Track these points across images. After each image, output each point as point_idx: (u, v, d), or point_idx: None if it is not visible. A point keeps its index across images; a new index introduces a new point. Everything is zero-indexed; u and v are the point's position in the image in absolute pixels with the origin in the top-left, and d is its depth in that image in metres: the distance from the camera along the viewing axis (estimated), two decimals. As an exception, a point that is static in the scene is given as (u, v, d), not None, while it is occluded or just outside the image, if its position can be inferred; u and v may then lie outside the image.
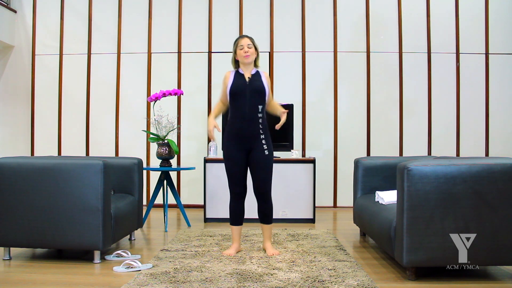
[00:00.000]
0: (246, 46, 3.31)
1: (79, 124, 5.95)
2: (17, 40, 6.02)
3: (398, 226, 2.77)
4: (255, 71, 3.37)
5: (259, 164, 3.27)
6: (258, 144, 3.27)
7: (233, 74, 3.37)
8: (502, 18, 5.81)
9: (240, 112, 3.26)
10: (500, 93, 5.79)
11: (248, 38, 3.35)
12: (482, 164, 2.69)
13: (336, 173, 5.81)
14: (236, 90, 3.27)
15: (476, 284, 2.71)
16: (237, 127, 3.27)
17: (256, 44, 3.38)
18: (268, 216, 3.36)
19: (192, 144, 5.88)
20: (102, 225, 3.06)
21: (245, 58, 3.30)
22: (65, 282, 2.72)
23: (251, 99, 3.26)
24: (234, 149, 3.28)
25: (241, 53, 3.31)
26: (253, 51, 3.33)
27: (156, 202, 4.86)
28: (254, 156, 3.27)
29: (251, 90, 3.27)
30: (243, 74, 3.34)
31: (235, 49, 3.36)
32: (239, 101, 3.26)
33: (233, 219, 3.37)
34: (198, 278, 2.71)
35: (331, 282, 2.64)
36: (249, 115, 3.24)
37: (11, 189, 3.09)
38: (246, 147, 3.28)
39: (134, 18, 5.95)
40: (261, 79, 3.33)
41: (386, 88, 5.84)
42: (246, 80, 3.30)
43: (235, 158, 3.28)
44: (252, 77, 3.33)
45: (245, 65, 3.34)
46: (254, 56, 3.35)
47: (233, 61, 3.42)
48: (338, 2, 5.85)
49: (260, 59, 3.43)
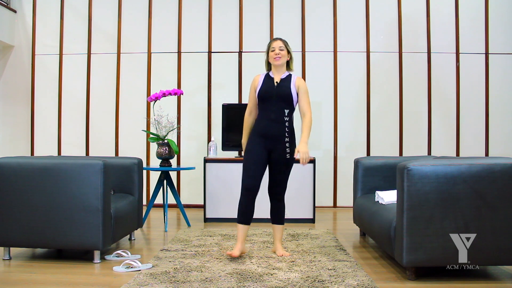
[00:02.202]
0: (277, 48, 3.29)
1: (79, 124, 5.95)
2: (17, 40, 6.02)
3: (398, 226, 2.77)
4: (285, 75, 3.34)
5: (279, 166, 3.27)
6: (281, 146, 3.25)
7: (262, 77, 3.36)
8: (502, 18, 5.80)
9: (266, 114, 3.26)
10: (500, 93, 5.79)
11: (281, 41, 3.33)
12: (482, 164, 2.69)
13: (336, 173, 5.81)
14: (263, 94, 3.28)
15: (476, 284, 2.71)
16: (263, 126, 3.26)
17: (290, 47, 3.36)
18: (280, 216, 3.36)
19: (192, 144, 5.88)
20: (102, 225, 3.06)
21: (275, 61, 3.29)
22: (65, 282, 2.72)
23: (277, 103, 3.25)
24: (257, 144, 3.26)
25: (272, 55, 3.30)
26: (285, 53, 3.31)
27: (156, 202, 4.86)
28: (275, 158, 3.26)
29: (277, 95, 3.26)
30: (273, 77, 3.33)
31: (268, 51, 3.35)
32: (266, 104, 3.27)
33: (241, 216, 3.24)
34: (198, 278, 2.71)
35: (331, 282, 2.64)
36: (275, 117, 3.24)
37: (11, 189, 3.09)
38: (269, 146, 3.26)
39: (134, 18, 5.94)
40: (290, 84, 3.29)
41: (386, 88, 5.84)
42: (274, 84, 3.30)
43: (256, 152, 3.25)
44: (281, 81, 3.30)
45: (276, 68, 3.33)
46: (285, 59, 3.32)
47: (266, 63, 3.41)
48: (338, 2, 5.85)
49: (293, 62, 3.39)
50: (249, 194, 3.21)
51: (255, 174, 3.22)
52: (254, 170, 3.22)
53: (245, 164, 3.26)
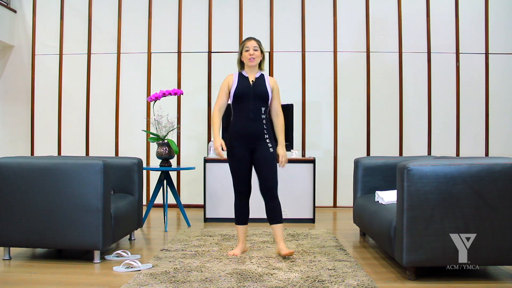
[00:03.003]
0: (252, 48, 3.30)
1: (79, 124, 5.95)
2: (17, 40, 6.02)
3: (398, 226, 2.77)
4: (259, 74, 3.37)
5: (265, 162, 3.26)
6: (262, 143, 3.27)
7: (236, 76, 3.36)
8: (502, 18, 5.80)
9: (244, 113, 3.27)
10: (500, 93, 5.79)
11: (255, 41, 3.34)
12: (482, 164, 2.69)
13: (336, 173, 5.81)
14: (240, 93, 3.28)
15: (476, 284, 2.71)
16: (241, 126, 3.27)
17: (263, 47, 3.38)
18: (277, 215, 3.29)
19: (192, 144, 5.88)
20: (102, 225, 3.06)
21: (249, 61, 3.30)
22: (65, 282, 2.72)
23: (255, 102, 3.26)
24: (238, 148, 3.27)
25: (246, 55, 3.31)
26: (259, 54, 3.32)
27: (156, 202, 4.86)
28: (259, 155, 3.27)
29: (254, 93, 3.27)
30: (247, 77, 3.34)
31: (241, 51, 3.35)
32: (243, 104, 3.27)
33: (238, 218, 3.35)
34: (198, 278, 2.71)
35: (331, 282, 2.64)
36: (253, 116, 3.25)
37: (11, 189, 3.09)
38: (250, 146, 3.27)
39: (134, 18, 5.95)
40: (265, 83, 3.32)
41: (386, 88, 5.84)
42: (250, 84, 3.30)
43: (240, 157, 3.27)
44: (256, 80, 3.33)
45: (250, 68, 3.34)
46: (259, 59, 3.34)
47: (238, 62, 3.41)
48: (338, 2, 5.85)
49: (265, 62, 3.42)
50: (242, 198, 3.33)
51: (244, 179, 3.30)
52: (242, 176, 3.29)
53: (233, 171, 3.32)
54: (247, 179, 3.31)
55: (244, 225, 3.36)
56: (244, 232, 3.36)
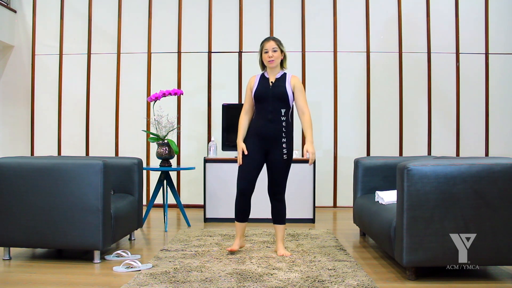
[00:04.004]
0: (271, 50, 3.27)
1: (79, 124, 5.95)
2: (17, 40, 6.02)
3: (398, 226, 2.77)
4: (280, 75, 3.34)
5: (276, 167, 3.27)
6: (278, 147, 3.26)
7: (258, 78, 3.36)
8: (502, 18, 5.80)
9: (263, 114, 3.27)
10: (500, 93, 5.79)
11: (273, 41, 3.30)
12: (482, 164, 2.69)
13: (336, 173, 5.81)
14: (259, 95, 3.28)
15: (476, 284, 2.71)
16: (259, 126, 3.27)
17: (283, 46, 3.34)
18: (282, 216, 3.36)
19: (192, 144, 5.88)
20: (102, 225, 3.06)
21: (269, 63, 3.29)
22: (65, 282, 2.72)
23: (274, 103, 3.25)
24: (253, 147, 3.27)
25: (266, 57, 3.29)
26: (278, 55, 3.29)
27: (156, 202, 4.86)
28: (273, 159, 3.27)
29: (273, 95, 3.26)
30: (268, 78, 3.33)
31: (261, 52, 3.33)
32: (263, 105, 3.28)
33: (237, 215, 3.35)
34: (198, 278, 2.71)
35: (331, 282, 2.64)
36: (272, 117, 3.25)
37: (11, 189, 3.09)
38: (266, 147, 3.27)
39: (134, 18, 5.94)
40: (285, 83, 3.29)
41: (386, 88, 5.84)
42: (270, 85, 3.29)
43: (251, 156, 3.27)
44: (276, 81, 3.30)
45: (271, 68, 3.32)
46: (279, 60, 3.31)
47: (260, 64, 3.40)
48: (338, 2, 5.85)
49: (286, 61, 3.37)
50: (244, 196, 3.30)
51: (250, 177, 3.27)
52: (249, 173, 3.27)
53: (240, 166, 3.31)
54: (252, 178, 3.28)
55: (243, 223, 3.36)
56: (242, 229, 3.37)
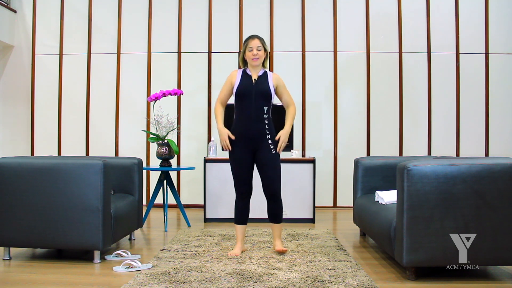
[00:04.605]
0: (255, 48, 3.28)
1: (79, 124, 5.95)
2: (17, 40, 6.02)
3: (398, 226, 2.77)
4: (262, 72, 3.35)
5: (267, 164, 3.27)
6: (264, 144, 3.26)
7: (240, 73, 3.35)
8: (502, 18, 5.80)
9: (245, 112, 3.27)
10: (500, 93, 5.79)
11: (258, 40, 3.31)
12: (482, 164, 2.69)
13: (336, 173, 5.81)
14: (242, 91, 3.27)
15: (476, 284, 2.71)
16: (242, 127, 3.27)
17: (266, 45, 3.36)
18: (278, 215, 3.37)
19: (192, 144, 5.88)
20: (102, 225, 3.06)
21: (253, 61, 3.29)
22: (65, 282, 2.72)
23: (257, 101, 3.25)
24: (240, 149, 3.28)
25: (250, 55, 3.29)
26: (262, 53, 3.30)
27: (156, 202, 4.86)
28: (261, 156, 3.27)
29: (256, 92, 3.26)
30: (251, 75, 3.33)
31: (244, 49, 3.33)
32: (245, 102, 3.27)
33: (238, 218, 3.36)
34: (198, 278, 2.71)
35: (331, 282, 2.64)
36: (255, 115, 3.25)
37: (11, 189, 3.09)
38: (252, 147, 3.27)
39: (134, 18, 5.94)
40: (267, 81, 3.31)
41: (386, 88, 5.84)
42: (253, 82, 3.30)
43: (241, 159, 3.28)
44: (259, 78, 3.31)
45: (253, 67, 3.33)
46: (263, 58, 3.33)
47: (241, 60, 3.39)
48: (338, 2, 5.85)
49: (267, 59, 3.40)
50: (243, 198, 3.33)
51: (245, 179, 3.30)
52: (243, 177, 3.30)
53: (234, 172, 3.33)
54: (247, 180, 3.32)
55: (244, 225, 3.37)
56: (243, 232, 3.38)
